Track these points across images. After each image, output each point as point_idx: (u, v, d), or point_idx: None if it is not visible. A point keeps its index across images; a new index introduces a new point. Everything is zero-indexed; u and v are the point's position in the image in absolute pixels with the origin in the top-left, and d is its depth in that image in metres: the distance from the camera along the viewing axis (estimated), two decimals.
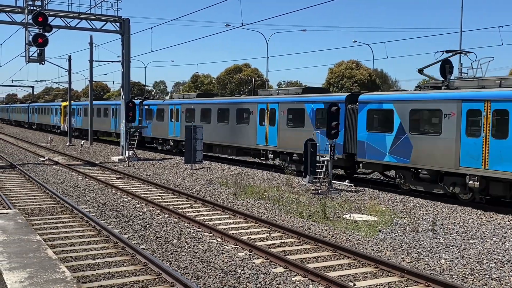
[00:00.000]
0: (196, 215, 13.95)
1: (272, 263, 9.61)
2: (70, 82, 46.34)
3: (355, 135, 19.76)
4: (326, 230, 12.43)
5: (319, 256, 10.21)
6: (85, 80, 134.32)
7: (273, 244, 11.02)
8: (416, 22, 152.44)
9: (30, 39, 26.80)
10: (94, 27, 29.28)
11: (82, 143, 38.40)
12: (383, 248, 10.97)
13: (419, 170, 17.43)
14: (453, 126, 16.19)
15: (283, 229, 12.13)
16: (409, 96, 18.03)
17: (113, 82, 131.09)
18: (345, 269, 9.48)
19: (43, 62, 28.18)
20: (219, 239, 11.32)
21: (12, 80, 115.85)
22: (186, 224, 12.79)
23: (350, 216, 14.09)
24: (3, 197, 15.71)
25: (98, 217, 13.38)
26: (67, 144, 41.77)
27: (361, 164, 19.94)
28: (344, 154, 20.40)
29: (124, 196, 17.02)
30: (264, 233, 11.99)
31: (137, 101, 34.85)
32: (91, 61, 41.93)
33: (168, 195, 17.29)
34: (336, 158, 18.88)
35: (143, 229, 12.30)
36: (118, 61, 34.37)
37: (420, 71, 18.98)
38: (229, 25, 49.78)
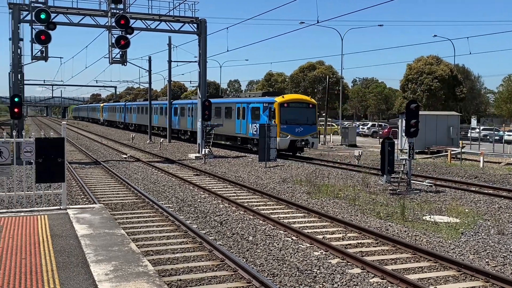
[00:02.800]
0: (271, 213, 13.99)
1: (349, 263, 9.45)
2: (150, 82, 48.13)
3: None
4: (405, 231, 12.05)
5: (397, 258, 9.92)
6: (164, 80, 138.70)
7: (350, 244, 10.84)
8: (502, 15, 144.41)
9: (113, 41, 28.06)
10: (173, 29, 30.19)
11: (161, 141, 39.73)
12: (465, 251, 10.48)
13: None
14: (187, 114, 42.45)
15: (359, 230, 11.90)
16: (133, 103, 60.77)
17: (190, 81, 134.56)
18: (425, 272, 9.14)
19: (125, 63, 29.38)
20: (294, 238, 11.29)
21: (96, 80, 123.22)
22: (261, 222, 12.87)
23: (430, 217, 13.57)
24: (89, 192, 16.55)
25: (177, 213, 13.76)
26: (147, 142, 43.39)
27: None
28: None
29: (201, 192, 17.40)
30: (340, 233, 11.82)
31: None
32: (169, 61, 43.29)
33: (243, 193, 17.48)
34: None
35: (219, 225, 12.50)
36: (195, 61, 35.23)
37: None
38: (303, 22, 49.57)
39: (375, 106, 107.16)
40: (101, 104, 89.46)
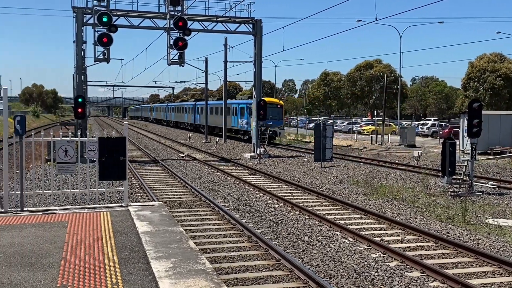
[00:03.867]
0: (327, 213, 13.88)
1: (408, 266, 9.23)
2: (207, 83, 48.81)
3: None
4: (467, 234, 11.64)
5: (459, 262, 9.59)
6: (220, 80, 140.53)
7: (408, 247, 10.58)
8: None
9: (171, 42, 28.68)
10: (229, 29, 30.50)
11: (217, 140, 40.24)
12: None
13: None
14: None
15: (419, 232, 11.60)
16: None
17: (246, 81, 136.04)
18: (489, 277, 8.80)
19: (182, 64, 29.96)
20: (350, 239, 11.15)
21: (155, 81, 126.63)
22: (316, 222, 12.79)
23: (493, 220, 13.04)
24: (148, 190, 17.00)
25: (232, 211, 13.89)
26: (203, 141, 44.06)
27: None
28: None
29: (256, 192, 17.50)
30: (398, 235, 11.57)
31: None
32: (225, 62, 43.73)
33: (298, 192, 17.44)
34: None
35: (275, 225, 12.52)
36: (250, 61, 35.43)
37: None
38: (360, 20, 48.79)
39: (435, 105, 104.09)
40: (151, 105, 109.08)
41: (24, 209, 9.32)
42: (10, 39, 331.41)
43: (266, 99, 43.04)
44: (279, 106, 42.86)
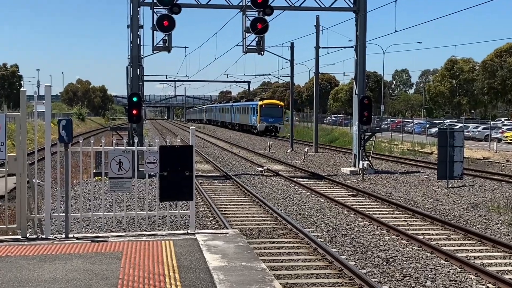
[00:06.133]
0: (456, 250, 13.51)
1: None
2: (292, 75, 48.88)
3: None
4: None
5: None
6: (309, 71, 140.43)
7: None
8: None
9: (248, 25, 29.10)
10: (322, 5, 30.44)
11: (306, 150, 40.32)
12: None
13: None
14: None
15: None
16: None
17: (343, 73, 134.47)
18: None
19: (262, 52, 30.38)
20: (490, 286, 10.75)
21: (227, 74, 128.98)
22: (442, 262, 12.49)
23: None
24: (218, 213, 17.32)
25: (327, 244, 13.85)
26: (288, 151, 44.34)
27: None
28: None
29: (359, 218, 17.35)
30: None
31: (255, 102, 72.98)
32: (317, 47, 43.72)
33: (416, 221, 17.11)
34: None
35: (385, 263, 12.35)
36: (350, 47, 35.26)
37: None
38: None
39: None
40: (205, 107, 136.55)
41: (69, 235, 9.79)
42: (49, 26, 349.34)
43: (267, 101, 71.08)
44: (279, 106, 69.22)
